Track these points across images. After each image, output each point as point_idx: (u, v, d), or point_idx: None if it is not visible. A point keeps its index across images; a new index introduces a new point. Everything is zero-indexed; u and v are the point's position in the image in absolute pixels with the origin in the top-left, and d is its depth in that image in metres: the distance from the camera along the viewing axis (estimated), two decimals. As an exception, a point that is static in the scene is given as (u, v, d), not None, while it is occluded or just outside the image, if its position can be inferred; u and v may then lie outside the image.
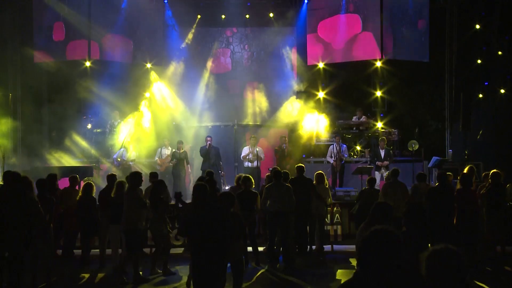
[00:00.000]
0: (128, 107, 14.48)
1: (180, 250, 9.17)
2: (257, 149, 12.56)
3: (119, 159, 12.52)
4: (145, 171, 11.27)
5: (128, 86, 14.69)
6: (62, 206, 8.57)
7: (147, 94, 14.99)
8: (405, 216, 4.82)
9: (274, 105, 15.10)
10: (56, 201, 7.83)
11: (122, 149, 12.82)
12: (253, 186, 8.83)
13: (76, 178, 9.20)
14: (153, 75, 15.12)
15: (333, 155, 12.77)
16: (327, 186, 9.80)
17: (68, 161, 13.15)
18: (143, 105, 14.62)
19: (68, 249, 8.76)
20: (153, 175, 9.40)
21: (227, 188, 11.62)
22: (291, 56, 15.81)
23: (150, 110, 14.64)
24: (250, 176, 8.74)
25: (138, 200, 7.39)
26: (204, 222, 5.00)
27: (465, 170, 9.38)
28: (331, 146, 13.00)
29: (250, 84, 15.65)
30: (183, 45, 15.68)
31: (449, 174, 9.18)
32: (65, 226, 8.58)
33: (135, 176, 7.54)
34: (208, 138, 12.65)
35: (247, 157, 12.53)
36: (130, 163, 12.54)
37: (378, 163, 12.42)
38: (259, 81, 15.67)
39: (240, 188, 8.64)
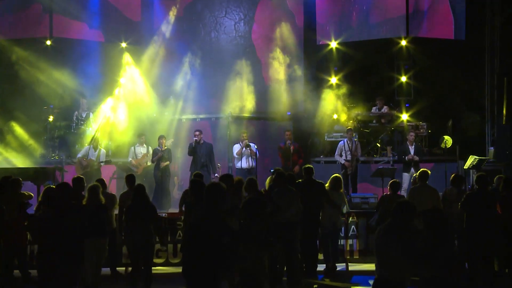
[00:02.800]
0: (99, 95, 14.46)
1: (178, 269, 9.18)
2: (250, 145, 12.53)
3: (85, 159, 12.44)
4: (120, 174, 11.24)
5: (98, 70, 14.66)
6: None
7: (122, 80, 14.96)
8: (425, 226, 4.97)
9: (277, 93, 15.06)
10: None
11: (89, 146, 12.72)
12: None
13: (18, 182, 8.95)
14: (126, 57, 15.06)
15: (343, 153, 12.75)
16: (342, 192, 9.79)
17: (24, 162, 13.11)
18: (117, 93, 14.59)
19: (23, 271, 8.71)
20: (130, 178, 9.39)
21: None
22: (296, 32, 15.71)
23: (126, 99, 14.63)
24: (254, 178, 8.72)
25: None
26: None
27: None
28: (341, 142, 13.01)
29: (246, 67, 15.57)
30: (167, 21, 15.59)
31: (501, 176, 9.18)
32: (14, 242, 8.40)
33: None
34: (196, 133, 12.60)
35: (242, 152, 12.49)
36: (101, 163, 12.45)
37: (408, 157, 12.37)
38: (257, 63, 15.62)
39: (239, 195, 8.58)
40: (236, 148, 12.76)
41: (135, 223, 7.83)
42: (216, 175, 12.34)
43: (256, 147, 12.65)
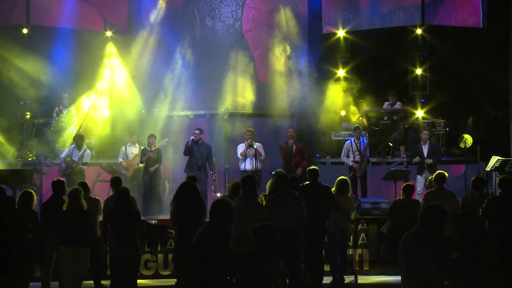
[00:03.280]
0: (81, 89, 14.46)
1: (169, 282, 9.19)
2: (256, 145, 12.50)
3: (68, 159, 12.40)
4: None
5: (80, 62, 14.66)
6: None
7: (106, 72, 14.93)
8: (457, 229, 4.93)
9: (278, 87, 15.05)
10: None
11: (72, 145, 12.70)
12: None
13: None
14: (110, 47, 15.03)
15: (351, 154, 12.73)
16: (350, 196, 9.78)
17: None
18: (100, 87, 14.58)
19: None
20: (115, 182, 9.37)
21: (218, 195, 11.59)
22: (299, 20, 15.70)
23: (110, 94, 14.62)
24: (253, 176, 8.68)
25: None
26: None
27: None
28: (347, 142, 12.99)
29: (244, 59, 15.55)
30: (157, 8, 15.56)
31: None
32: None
33: None
34: (196, 132, 12.51)
35: (246, 153, 12.46)
36: (81, 165, 12.37)
37: (415, 159, 12.35)
38: (257, 54, 15.60)
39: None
40: (241, 148, 12.72)
41: (117, 231, 7.76)
42: (215, 175, 12.31)
43: (262, 147, 12.67)
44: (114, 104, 14.56)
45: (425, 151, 12.50)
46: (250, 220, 7.36)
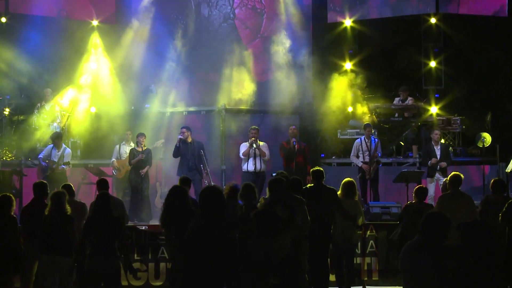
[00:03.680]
0: (65, 83, 14.46)
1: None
2: (260, 144, 12.49)
3: (47, 161, 12.37)
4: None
5: (64, 54, 14.66)
6: None
7: (92, 66, 14.91)
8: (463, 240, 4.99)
9: (279, 81, 15.05)
10: None
11: (50, 145, 12.62)
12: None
13: None
14: (95, 38, 15.00)
15: (360, 154, 12.70)
16: (357, 200, 9.75)
17: None
18: (84, 81, 14.59)
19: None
20: (102, 184, 9.34)
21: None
22: (302, 8, 15.69)
23: (96, 89, 14.62)
24: (252, 184, 8.65)
25: None
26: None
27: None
28: (357, 141, 12.96)
29: (243, 51, 15.55)
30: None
31: None
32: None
33: None
34: (183, 130, 12.56)
35: (249, 153, 12.44)
36: (63, 166, 12.34)
37: (431, 161, 12.32)
38: (256, 46, 15.60)
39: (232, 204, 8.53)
40: (243, 147, 12.70)
41: (93, 240, 7.65)
42: (206, 170, 12.30)
43: (267, 146, 12.68)
44: (100, 100, 14.56)
45: (438, 152, 12.45)
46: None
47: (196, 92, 15.26)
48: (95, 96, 14.65)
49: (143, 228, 10.65)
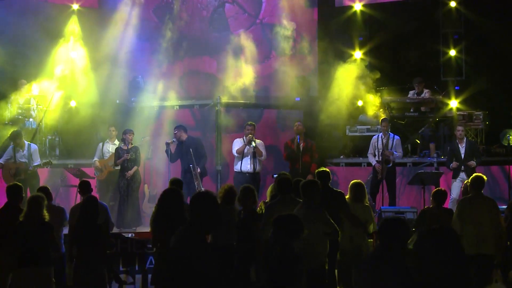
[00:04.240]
0: (41, 74, 14.45)
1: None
2: (256, 142, 12.52)
3: (12, 162, 12.35)
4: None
5: (41, 41, 14.64)
6: None
7: (72, 54, 14.94)
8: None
9: (282, 72, 15.08)
10: None
11: (11, 146, 12.44)
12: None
13: None
14: (72, 24, 15.01)
15: (377, 153, 12.73)
16: (368, 204, 9.78)
17: None
18: (60, 72, 14.60)
19: None
20: (84, 187, 9.38)
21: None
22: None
23: (75, 81, 14.65)
24: (251, 186, 8.70)
25: None
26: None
27: None
28: (374, 137, 12.99)
29: (241, 39, 15.57)
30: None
31: None
32: None
33: None
34: (174, 132, 12.66)
35: (244, 151, 12.48)
36: (30, 167, 12.29)
37: (452, 165, 12.34)
38: (256, 33, 15.62)
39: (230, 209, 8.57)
40: (237, 144, 12.71)
41: (78, 250, 7.72)
42: (198, 169, 12.32)
43: (263, 145, 12.72)
44: (81, 93, 14.57)
45: (462, 150, 12.41)
46: (315, 234, 7.40)
47: (188, 84, 15.30)
48: (75, 88, 14.66)
49: (130, 235, 10.66)
